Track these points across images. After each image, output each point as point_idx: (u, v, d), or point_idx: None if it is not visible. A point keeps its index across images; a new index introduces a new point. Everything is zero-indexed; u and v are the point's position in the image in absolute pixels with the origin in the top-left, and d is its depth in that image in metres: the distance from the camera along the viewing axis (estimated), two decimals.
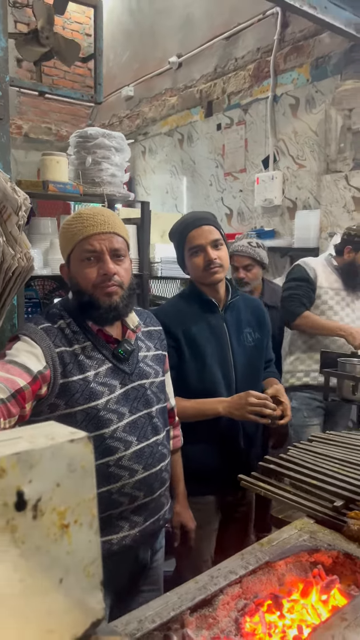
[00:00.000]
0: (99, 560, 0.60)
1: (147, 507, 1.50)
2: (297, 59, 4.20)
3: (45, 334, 1.42)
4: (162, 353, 1.70)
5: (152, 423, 1.53)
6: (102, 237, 1.44)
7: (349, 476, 1.46)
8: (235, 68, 4.76)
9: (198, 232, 1.95)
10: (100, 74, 2.39)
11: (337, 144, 3.80)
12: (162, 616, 0.99)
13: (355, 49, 3.72)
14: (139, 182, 6.06)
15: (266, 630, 1.03)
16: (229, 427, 2.01)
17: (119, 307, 1.47)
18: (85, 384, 1.42)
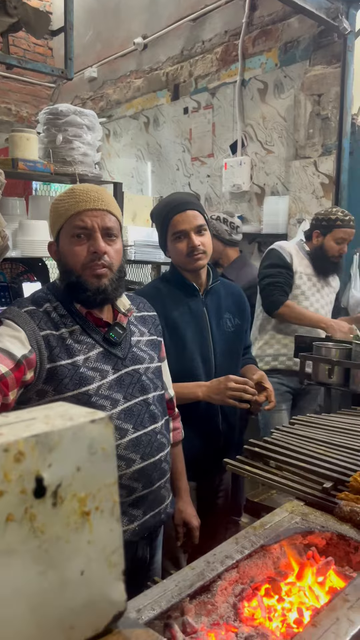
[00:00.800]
0: (121, 549, 0.56)
1: (146, 499, 1.45)
2: (265, 43, 4.17)
3: (29, 317, 1.36)
4: (157, 339, 1.65)
5: (149, 410, 1.48)
6: (95, 214, 1.38)
7: (334, 458, 1.46)
8: (203, 51, 4.69)
9: (182, 217, 1.91)
10: (71, 49, 2.31)
11: (306, 129, 3.81)
12: (161, 605, 0.95)
13: (324, 34, 3.72)
14: (103, 165, 5.93)
15: (266, 614, 1.01)
16: (208, 413, 1.99)
17: (107, 290, 1.42)
18: (74, 368, 1.35)
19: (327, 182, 3.69)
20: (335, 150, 3.64)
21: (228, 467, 1.52)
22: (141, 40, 5.24)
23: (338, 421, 1.83)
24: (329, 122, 3.68)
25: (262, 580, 1.09)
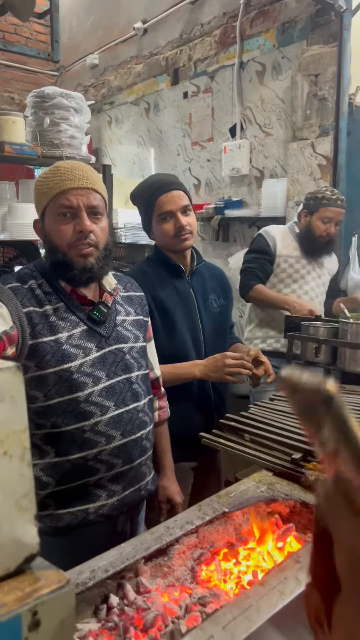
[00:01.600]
0: (32, 494, 0.57)
1: (126, 475, 1.47)
2: (263, 24, 4.12)
3: (12, 293, 1.38)
4: (143, 319, 1.66)
5: (132, 389, 1.50)
6: (80, 193, 1.40)
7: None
8: (201, 34, 4.65)
9: (168, 197, 1.91)
10: (57, 31, 2.30)
11: (304, 111, 3.77)
12: (115, 565, 0.98)
13: (321, 14, 3.67)
14: (105, 152, 5.93)
15: (221, 576, 1.03)
16: (201, 392, 2.01)
17: (93, 269, 1.43)
18: (57, 345, 1.37)
19: (325, 163, 3.66)
20: (332, 131, 3.60)
21: (203, 441, 1.54)
22: (141, 25, 5.21)
23: None
24: (326, 102, 3.64)
25: (222, 546, 1.11)
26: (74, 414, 1.38)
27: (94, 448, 1.39)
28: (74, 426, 1.38)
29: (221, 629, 0.80)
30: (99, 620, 0.90)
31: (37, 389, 1.37)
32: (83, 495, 1.41)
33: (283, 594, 0.88)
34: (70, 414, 1.38)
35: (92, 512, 1.40)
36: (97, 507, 1.41)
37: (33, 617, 0.52)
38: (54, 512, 1.39)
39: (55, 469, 1.39)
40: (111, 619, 0.89)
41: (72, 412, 1.38)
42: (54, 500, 1.40)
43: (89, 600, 0.92)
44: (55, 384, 1.37)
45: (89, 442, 1.39)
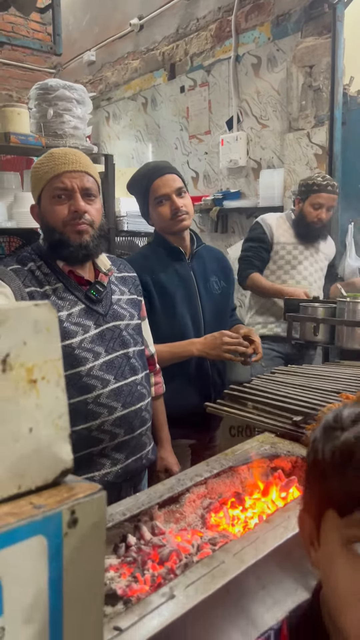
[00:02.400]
0: (66, 415, 0.65)
1: (128, 444, 1.54)
2: (258, 17, 4.20)
3: (15, 274, 1.45)
4: (137, 298, 1.74)
5: (130, 363, 1.57)
6: (74, 175, 1.47)
7: (307, 397, 1.55)
8: (197, 28, 4.73)
9: (162, 180, 1.98)
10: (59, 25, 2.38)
11: (299, 101, 3.85)
12: (131, 510, 1.06)
13: (315, 5, 3.74)
14: (104, 148, 6.00)
15: (229, 521, 1.11)
16: (199, 369, 2.07)
17: (89, 246, 1.50)
18: (58, 323, 1.45)
19: (321, 152, 3.74)
20: (327, 121, 3.68)
21: (208, 409, 1.62)
22: (137, 21, 5.28)
23: (318, 370, 1.92)
24: (320, 93, 3.72)
25: (229, 496, 1.19)
26: (77, 388, 1.45)
27: (97, 419, 1.47)
28: (77, 399, 1.45)
29: (232, 556, 0.88)
30: (118, 557, 0.98)
31: None
32: (89, 463, 1.48)
33: (287, 529, 0.96)
34: (74, 387, 1.45)
35: (98, 480, 1.48)
36: (102, 475, 1.49)
37: (71, 515, 0.60)
38: None
39: None
40: (130, 555, 0.97)
41: (75, 385, 1.45)
42: None
43: (109, 540, 1.00)
44: None
45: (93, 414, 1.46)
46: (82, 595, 0.63)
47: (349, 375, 1.79)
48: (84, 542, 0.62)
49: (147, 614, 0.76)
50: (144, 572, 0.93)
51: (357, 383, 1.67)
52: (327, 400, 1.52)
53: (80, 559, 0.62)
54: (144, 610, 0.77)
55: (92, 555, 0.63)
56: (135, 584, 0.91)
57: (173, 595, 0.80)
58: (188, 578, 0.84)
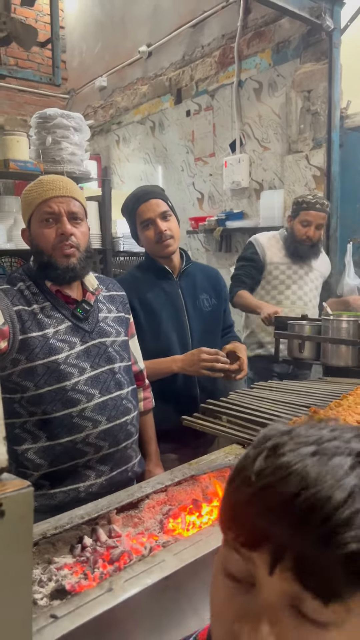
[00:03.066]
0: (1, 420, 0.73)
1: (112, 457, 1.59)
2: (259, 44, 4.33)
3: (3, 294, 1.54)
4: (124, 315, 1.81)
5: (115, 379, 1.63)
6: (61, 200, 1.56)
7: (278, 411, 1.61)
8: (202, 55, 4.88)
9: (147, 206, 2.06)
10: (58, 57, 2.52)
11: (298, 125, 3.95)
12: (90, 514, 1.13)
13: (312, 33, 3.86)
14: (114, 170, 6.17)
15: (185, 527, 1.17)
16: (185, 385, 2.13)
17: (76, 269, 1.59)
18: (44, 340, 1.53)
19: (319, 174, 3.82)
20: (325, 144, 3.77)
21: (184, 422, 1.68)
22: (146, 48, 5.47)
23: (297, 386, 1.98)
24: (318, 116, 3.82)
25: (189, 503, 1.25)
26: (62, 401, 1.52)
27: (82, 432, 1.53)
28: (62, 412, 1.52)
29: (172, 555, 0.95)
30: (73, 556, 1.05)
31: (27, 379, 1.52)
32: (74, 475, 1.54)
33: None
34: (59, 401, 1.53)
35: (83, 491, 1.53)
36: (87, 486, 1.54)
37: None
38: (48, 492, 1.53)
39: (47, 451, 1.53)
40: (84, 555, 1.04)
41: (61, 399, 1.52)
42: (47, 480, 1.54)
43: (66, 540, 1.08)
44: (44, 375, 1.52)
45: (77, 427, 1.53)
46: (10, 582, 0.71)
47: (323, 390, 1.84)
48: (11, 532, 0.70)
49: (84, 604, 0.83)
50: (94, 571, 1.00)
51: (328, 398, 1.72)
52: (296, 413, 1.58)
53: (7, 548, 0.70)
54: (82, 601, 0.84)
55: (20, 545, 0.71)
56: (84, 580, 0.98)
57: (111, 588, 0.87)
58: (128, 574, 0.90)
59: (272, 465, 0.51)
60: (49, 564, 1.03)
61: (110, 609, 0.82)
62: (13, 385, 1.52)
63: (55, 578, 0.99)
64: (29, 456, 1.52)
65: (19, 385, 1.52)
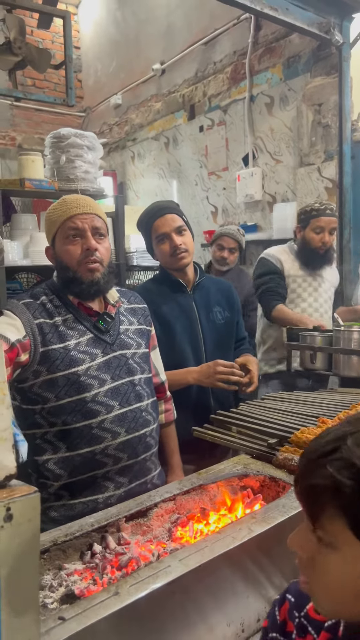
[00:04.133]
0: (10, 429, 0.77)
1: (131, 469, 1.61)
2: (270, 60, 4.39)
3: (25, 307, 1.58)
4: (145, 328, 1.83)
5: (135, 390, 1.65)
6: (84, 217, 1.61)
7: (286, 421, 1.63)
8: (215, 71, 4.96)
9: (162, 220, 2.11)
10: (71, 79, 2.59)
11: (309, 138, 3.98)
12: (100, 522, 1.16)
13: (322, 47, 3.91)
14: (129, 186, 6.26)
15: (192, 534, 1.20)
16: (200, 397, 2.15)
17: (100, 283, 1.63)
18: (65, 352, 1.56)
19: (331, 186, 3.85)
20: (336, 156, 3.80)
21: (195, 433, 1.71)
22: (159, 66, 5.58)
23: (307, 396, 1.99)
24: (329, 129, 3.85)
25: (197, 512, 1.28)
26: (82, 413, 1.55)
27: (101, 443, 1.55)
28: (82, 423, 1.55)
29: (177, 561, 0.98)
30: (83, 563, 1.08)
31: (48, 390, 1.56)
32: (93, 486, 1.57)
33: (235, 539, 1.05)
34: (79, 412, 1.56)
35: (101, 502, 1.55)
36: (105, 498, 1.56)
37: (7, 511, 0.72)
38: (67, 502, 1.56)
39: (67, 462, 1.56)
40: (93, 562, 1.07)
41: (80, 410, 1.55)
42: (67, 490, 1.57)
43: (76, 547, 1.11)
44: (64, 386, 1.55)
45: (97, 438, 1.55)
46: (18, 583, 0.75)
47: (333, 401, 1.85)
48: (20, 535, 0.73)
49: (90, 607, 0.86)
50: (102, 576, 1.03)
51: (337, 408, 1.74)
52: (305, 424, 1.59)
53: (16, 551, 0.73)
54: (89, 604, 0.87)
55: (28, 547, 0.75)
56: (93, 586, 1.01)
57: (117, 592, 0.90)
58: (134, 579, 0.93)
59: None
60: (59, 570, 1.06)
61: (116, 612, 0.85)
62: (34, 396, 1.56)
63: (65, 583, 1.02)
64: (49, 466, 1.55)
65: (40, 397, 1.55)
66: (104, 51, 6.52)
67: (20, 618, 0.75)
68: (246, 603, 1.06)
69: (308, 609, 0.76)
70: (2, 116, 6.24)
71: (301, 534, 0.68)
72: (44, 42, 6.36)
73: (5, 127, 6.37)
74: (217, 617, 1.02)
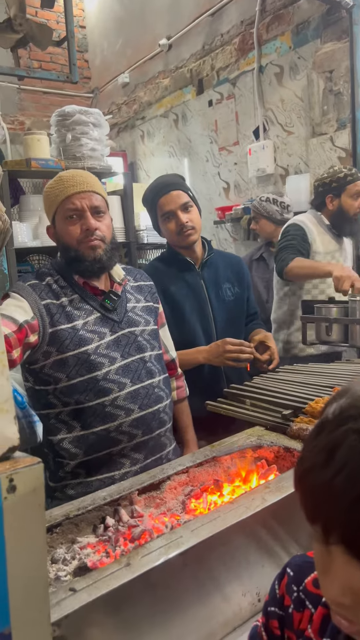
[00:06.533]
0: (11, 400, 0.76)
1: (146, 445, 1.61)
2: (278, 28, 4.27)
3: (32, 289, 1.58)
4: (153, 305, 1.82)
5: (146, 367, 1.65)
6: (82, 196, 1.59)
7: (300, 392, 1.60)
8: (222, 43, 4.85)
9: (167, 198, 2.07)
10: (74, 55, 2.54)
11: (321, 106, 3.88)
12: (112, 495, 1.16)
13: (332, 11, 3.78)
14: (140, 165, 6.20)
15: (206, 506, 1.18)
16: (212, 376, 2.13)
17: (102, 260, 1.62)
18: (74, 331, 1.56)
19: (344, 155, 3.75)
20: (349, 124, 3.70)
21: (209, 407, 1.69)
22: (166, 41, 5.46)
23: (322, 368, 1.96)
24: (341, 96, 3.75)
25: (211, 484, 1.27)
26: (95, 391, 1.55)
27: (115, 420, 1.55)
28: (95, 402, 1.55)
29: (190, 531, 0.96)
30: (96, 536, 1.08)
31: (60, 370, 1.55)
32: (109, 463, 1.57)
33: (249, 508, 1.03)
34: (91, 391, 1.56)
35: (118, 479, 1.54)
36: (122, 474, 1.56)
37: (10, 482, 0.71)
38: (84, 480, 1.57)
39: (82, 441, 1.56)
40: (106, 534, 1.07)
41: (93, 389, 1.55)
42: (83, 469, 1.57)
43: (89, 521, 1.10)
44: (75, 365, 1.55)
45: (110, 416, 1.55)
46: (25, 554, 0.74)
47: (349, 371, 1.82)
48: (24, 506, 0.72)
49: (101, 579, 0.85)
50: (115, 549, 1.03)
51: (352, 378, 1.70)
52: (319, 394, 1.56)
53: (21, 521, 0.72)
54: (100, 576, 0.86)
55: (33, 518, 0.74)
56: (106, 558, 1.00)
57: (129, 563, 0.89)
58: (147, 549, 0.92)
59: (314, 448, 0.55)
60: (72, 544, 1.06)
61: (127, 583, 0.84)
62: (46, 377, 1.56)
63: (78, 557, 1.02)
64: (65, 445, 1.55)
65: (52, 377, 1.55)
66: (110, 29, 6.41)
67: (28, 590, 0.74)
68: (262, 572, 1.05)
69: (306, 583, 0.74)
70: (9, 100, 6.19)
71: (338, 578, 0.54)
72: (48, 22, 6.25)
73: (12, 111, 6.32)
74: (233, 587, 1.01)
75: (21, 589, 0.74)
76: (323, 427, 0.56)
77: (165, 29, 5.47)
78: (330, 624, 0.70)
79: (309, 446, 0.56)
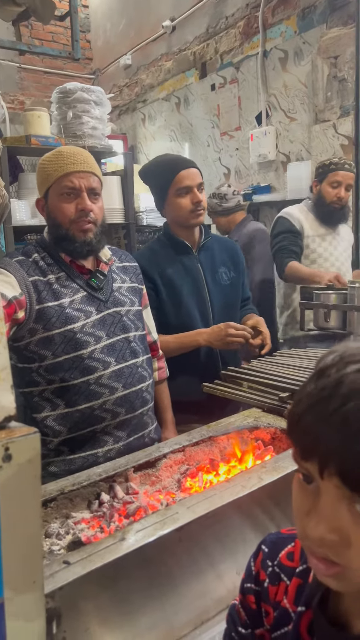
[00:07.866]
0: (8, 369, 0.75)
1: (129, 423, 1.62)
2: (284, 12, 4.21)
3: (19, 265, 1.57)
4: (138, 286, 1.82)
5: (130, 347, 1.66)
6: (81, 175, 1.58)
7: (297, 376, 1.60)
8: (226, 26, 4.78)
9: (188, 172, 2.03)
10: (77, 31, 2.50)
11: (325, 93, 3.84)
12: (107, 472, 1.15)
13: None
14: (140, 149, 6.15)
15: (202, 485, 1.18)
16: (208, 359, 2.13)
17: (92, 243, 1.62)
18: (60, 309, 1.55)
19: (347, 143, 3.72)
20: (353, 111, 3.66)
21: (205, 389, 1.68)
22: (169, 22, 5.39)
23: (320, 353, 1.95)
24: (346, 83, 3.71)
25: (207, 463, 1.26)
26: (80, 369, 1.55)
27: (99, 399, 1.56)
28: (80, 380, 1.55)
29: (186, 508, 0.96)
30: (91, 512, 1.07)
31: (45, 348, 1.55)
32: (92, 441, 1.57)
33: (245, 487, 1.03)
34: (76, 369, 1.55)
35: (101, 456, 1.55)
36: (105, 452, 1.57)
37: (5, 451, 0.69)
38: (67, 457, 1.56)
39: (66, 418, 1.56)
40: (101, 510, 1.06)
41: (78, 367, 1.55)
42: (67, 446, 1.57)
43: (84, 497, 1.10)
44: (61, 343, 1.55)
45: (95, 394, 1.56)
46: (20, 524, 0.73)
47: None
48: (19, 475, 0.71)
49: (96, 552, 0.85)
50: (110, 524, 1.02)
51: None
52: None
53: (16, 491, 0.71)
54: (94, 550, 0.86)
55: (28, 488, 0.72)
56: (100, 534, 1.00)
57: (123, 538, 0.88)
58: (142, 525, 0.92)
59: (313, 389, 0.57)
60: (66, 519, 1.05)
61: (122, 557, 0.83)
62: (30, 354, 1.55)
63: (72, 531, 1.01)
64: (48, 423, 1.55)
65: (37, 354, 1.55)
66: (113, 9, 6.32)
67: (22, 561, 0.73)
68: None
69: (280, 557, 0.75)
70: (9, 78, 6.11)
71: (325, 517, 0.56)
72: None
73: (13, 90, 6.24)
74: (227, 564, 1.00)
75: (15, 560, 0.73)
76: (323, 372, 0.58)
77: (169, 11, 5.40)
78: (305, 592, 0.70)
79: (306, 390, 0.58)
